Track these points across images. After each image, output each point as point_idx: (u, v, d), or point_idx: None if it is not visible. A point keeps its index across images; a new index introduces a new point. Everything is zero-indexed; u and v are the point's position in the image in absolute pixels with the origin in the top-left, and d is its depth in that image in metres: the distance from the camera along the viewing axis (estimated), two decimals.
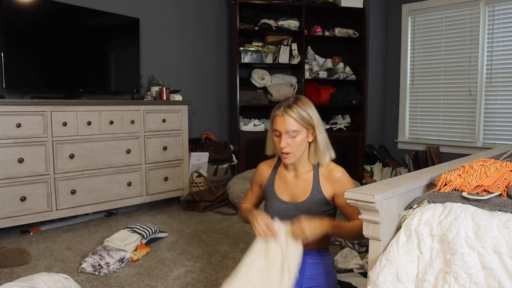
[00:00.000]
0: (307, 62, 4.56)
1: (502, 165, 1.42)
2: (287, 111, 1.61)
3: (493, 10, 4.05)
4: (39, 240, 2.87)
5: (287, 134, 1.61)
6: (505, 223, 1.10)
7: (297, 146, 1.63)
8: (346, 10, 4.54)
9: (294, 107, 1.61)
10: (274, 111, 1.66)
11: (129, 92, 3.79)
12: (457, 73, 4.33)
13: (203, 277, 2.26)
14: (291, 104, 1.62)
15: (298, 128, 1.61)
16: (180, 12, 4.29)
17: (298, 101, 1.64)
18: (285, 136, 1.62)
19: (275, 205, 1.76)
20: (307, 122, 1.62)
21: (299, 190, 1.72)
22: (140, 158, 3.52)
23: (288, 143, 1.62)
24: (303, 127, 1.62)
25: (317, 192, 1.68)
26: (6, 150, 2.80)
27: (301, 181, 1.72)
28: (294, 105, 1.62)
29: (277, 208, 1.75)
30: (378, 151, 4.81)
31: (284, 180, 1.77)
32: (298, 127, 1.61)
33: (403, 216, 1.29)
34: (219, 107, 4.67)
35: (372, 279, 1.19)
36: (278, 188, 1.77)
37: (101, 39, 3.52)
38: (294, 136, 1.61)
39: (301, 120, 1.61)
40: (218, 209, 3.69)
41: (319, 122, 1.67)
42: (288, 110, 1.61)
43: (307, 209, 1.68)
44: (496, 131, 4.11)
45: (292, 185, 1.74)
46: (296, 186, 1.73)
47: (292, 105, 1.62)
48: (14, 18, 2.99)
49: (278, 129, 1.63)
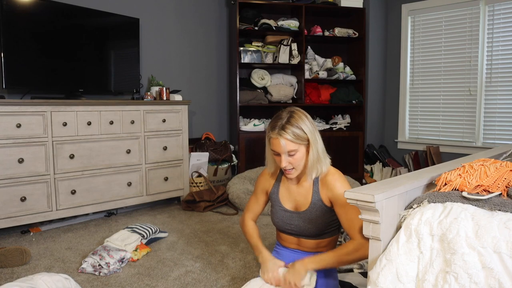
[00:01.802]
0: (307, 62, 4.56)
1: (502, 164, 1.42)
2: (282, 134, 1.58)
3: (493, 10, 4.05)
4: (39, 240, 2.87)
5: (286, 154, 1.61)
6: (505, 222, 1.10)
7: (298, 162, 1.63)
8: (346, 10, 4.54)
9: (287, 128, 1.58)
10: (269, 133, 1.63)
11: (129, 92, 3.79)
12: (457, 73, 4.33)
13: (203, 277, 2.26)
14: (284, 125, 1.59)
15: (295, 147, 1.60)
16: (180, 12, 4.29)
17: (291, 119, 1.61)
18: (284, 156, 1.61)
19: (280, 213, 1.77)
20: (303, 139, 1.61)
21: (301, 198, 1.73)
22: (140, 158, 3.52)
23: (289, 161, 1.62)
24: (300, 144, 1.61)
25: (317, 201, 1.69)
26: (6, 150, 2.80)
27: (303, 189, 1.73)
28: (287, 125, 1.58)
29: (282, 216, 1.77)
30: (378, 151, 4.81)
31: (288, 188, 1.77)
32: (295, 146, 1.60)
33: (403, 216, 1.29)
34: (219, 107, 4.67)
35: (372, 279, 1.19)
36: (283, 196, 1.78)
37: (101, 39, 3.52)
38: (293, 154, 1.61)
39: (296, 140, 1.59)
40: (218, 209, 3.69)
41: (314, 135, 1.63)
42: (282, 132, 1.58)
43: (310, 218, 1.70)
44: (496, 131, 4.11)
45: (295, 193, 1.75)
46: (299, 194, 1.74)
47: (285, 125, 1.59)
48: (14, 18, 2.99)
49: (275, 151, 1.62)
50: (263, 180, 1.86)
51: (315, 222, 1.69)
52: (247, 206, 1.94)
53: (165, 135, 3.68)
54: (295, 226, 1.74)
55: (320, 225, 1.69)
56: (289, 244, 1.82)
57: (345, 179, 1.70)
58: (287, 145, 1.58)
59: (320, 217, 1.68)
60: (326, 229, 1.72)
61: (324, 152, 1.67)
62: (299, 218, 1.72)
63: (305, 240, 1.75)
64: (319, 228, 1.69)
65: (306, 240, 1.75)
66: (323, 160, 1.66)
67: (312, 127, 1.64)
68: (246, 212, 1.94)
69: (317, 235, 1.72)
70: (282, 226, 1.78)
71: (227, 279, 2.22)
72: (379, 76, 4.92)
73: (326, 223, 1.70)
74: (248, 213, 1.93)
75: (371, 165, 4.75)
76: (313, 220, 1.69)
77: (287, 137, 1.57)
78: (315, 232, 1.71)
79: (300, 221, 1.72)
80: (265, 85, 4.46)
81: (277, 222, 1.80)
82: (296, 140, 1.58)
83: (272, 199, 1.81)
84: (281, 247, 1.86)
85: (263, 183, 1.86)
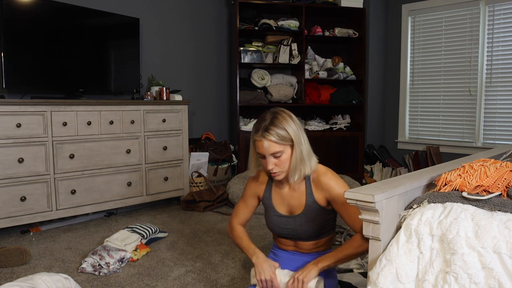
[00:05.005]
0: (307, 62, 4.56)
1: (502, 165, 1.42)
2: (265, 135, 1.54)
3: (493, 10, 4.05)
4: (39, 240, 2.87)
5: (272, 156, 1.57)
6: (505, 223, 1.10)
7: (284, 164, 1.59)
8: (346, 10, 4.54)
9: (271, 129, 1.54)
10: (253, 135, 1.60)
11: (129, 92, 3.79)
12: (457, 73, 4.33)
13: (203, 277, 2.26)
14: (268, 126, 1.55)
15: (281, 148, 1.56)
16: (180, 12, 4.29)
17: (275, 120, 1.57)
18: (270, 158, 1.57)
19: (274, 219, 1.74)
20: (288, 140, 1.57)
21: (295, 201, 1.70)
22: (140, 158, 3.52)
23: (274, 163, 1.58)
24: (285, 145, 1.57)
25: (312, 202, 1.66)
26: (6, 150, 2.80)
27: (296, 192, 1.70)
28: (271, 126, 1.55)
29: (277, 221, 1.74)
30: (378, 151, 4.81)
31: (280, 192, 1.74)
32: (280, 148, 1.56)
33: (403, 216, 1.29)
34: (219, 107, 4.67)
35: (372, 279, 1.19)
36: (276, 201, 1.74)
37: (101, 39, 3.52)
38: (279, 156, 1.57)
39: (281, 141, 1.55)
40: (218, 209, 3.69)
41: (298, 136, 1.59)
42: (266, 134, 1.54)
43: (306, 221, 1.68)
44: (496, 131, 4.10)
45: (288, 197, 1.72)
46: (292, 197, 1.71)
47: (269, 126, 1.55)
48: (14, 18, 2.99)
49: (261, 153, 1.59)
50: (253, 185, 1.81)
51: (311, 224, 1.67)
52: (235, 211, 1.86)
53: (165, 135, 3.68)
54: (291, 230, 1.72)
55: (317, 226, 1.68)
56: (286, 247, 1.80)
57: (338, 176, 1.68)
58: (271, 146, 1.55)
59: (316, 218, 1.67)
60: (323, 229, 1.71)
61: (309, 153, 1.64)
62: (294, 222, 1.70)
63: (303, 242, 1.74)
64: (316, 229, 1.68)
65: (303, 242, 1.74)
66: (307, 162, 1.62)
67: (297, 128, 1.60)
68: (233, 217, 1.86)
69: (314, 236, 1.71)
70: (278, 231, 1.76)
71: (227, 279, 2.22)
72: (379, 76, 4.92)
73: (323, 223, 1.69)
74: (236, 218, 1.85)
75: (371, 165, 4.74)
76: (309, 222, 1.67)
77: (271, 139, 1.54)
78: (312, 233, 1.70)
79: (296, 225, 1.70)
80: (265, 85, 4.46)
81: (272, 228, 1.78)
82: (280, 141, 1.55)
83: (265, 205, 1.78)
84: (278, 249, 1.85)
85: (253, 188, 1.81)
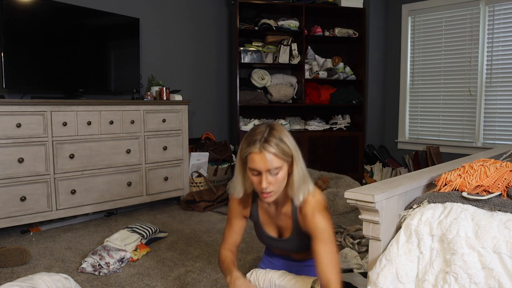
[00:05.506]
0: (307, 62, 4.56)
1: (502, 165, 1.42)
2: (266, 147, 1.36)
3: (493, 10, 4.05)
4: (39, 240, 2.87)
5: (268, 173, 1.38)
6: (505, 223, 1.10)
7: (279, 184, 1.42)
8: (346, 10, 4.54)
9: (271, 140, 1.37)
10: (248, 148, 1.39)
11: (129, 92, 3.79)
12: (457, 73, 4.33)
13: (203, 277, 2.26)
14: (267, 137, 1.37)
15: (280, 164, 1.38)
16: (180, 12, 4.29)
17: (273, 131, 1.40)
18: (266, 175, 1.38)
19: (267, 241, 1.69)
20: (288, 155, 1.41)
21: (282, 223, 1.59)
22: (140, 158, 3.51)
23: (270, 182, 1.39)
24: (284, 161, 1.40)
25: (298, 229, 1.55)
26: (6, 150, 2.80)
27: (282, 215, 1.58)
28: (271, 138, 1.37)
29: (270, 243, 1.70)
30: (378, 151, 4.81)
31: (267, 212, 1.62)
32: (280, 163, 1.38)
33: (403, 216, 1.29)
34: (219, 107, 4.67)
35: (372, 279, 1.19)
36: (264, 222, 1.64)
37: (101, 39, 3.52)
38: (276, 173, 1.39)
39: (282, 155, 1.38)
40: (218, 209, 3.69)
41: (297, 151, 1.44)
42: (267, 146, 1.36)
43: (296, 243, 1.61)
44: (496, 131, 4.11)
45: (275, 218, 1.61)
46: (279, 219, 1.60)
47: (269, 138, 1.37)
48: (14, 18, 2.99)
49: (256, 168, 1.38)
50: (236, 205, 1.64)
51: (303, 244, 1.59)
52: (223, 238, 1.70)
53: (165, 135, 3.68)
54: (282, 248, 1.67)
55: (307, 246, 1.54)
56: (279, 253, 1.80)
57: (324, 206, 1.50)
58: (272, 161, 1.36)
59: (306, 240, 1.54)
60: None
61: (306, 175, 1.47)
62: (285, 244, 1.63)
63: (295, 253, 1.72)
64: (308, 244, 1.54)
65: (295, 254, 1.71)
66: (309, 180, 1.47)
67: (295, 143, 1.45)
68: (222, 245, 1.69)
69: (306, 249, 1.63)
70: (269, 246, 1.75)
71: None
72: (379, 76, 4.92)
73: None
74: (224, 245, 1.67)
75: (371, 165, 4.75)
76: (300, 242, 1.59)
77: (272, 151, 1.36)
78: (303, 249, 1.64)
79: (286, 246, 1.63)
80: (265, 85, 4.46)
81: (263, 243, 1.75)
82: (281, 155, 1.38)
83: (254, 223, 1.68)
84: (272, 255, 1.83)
85: (238, 208, 1.64)
